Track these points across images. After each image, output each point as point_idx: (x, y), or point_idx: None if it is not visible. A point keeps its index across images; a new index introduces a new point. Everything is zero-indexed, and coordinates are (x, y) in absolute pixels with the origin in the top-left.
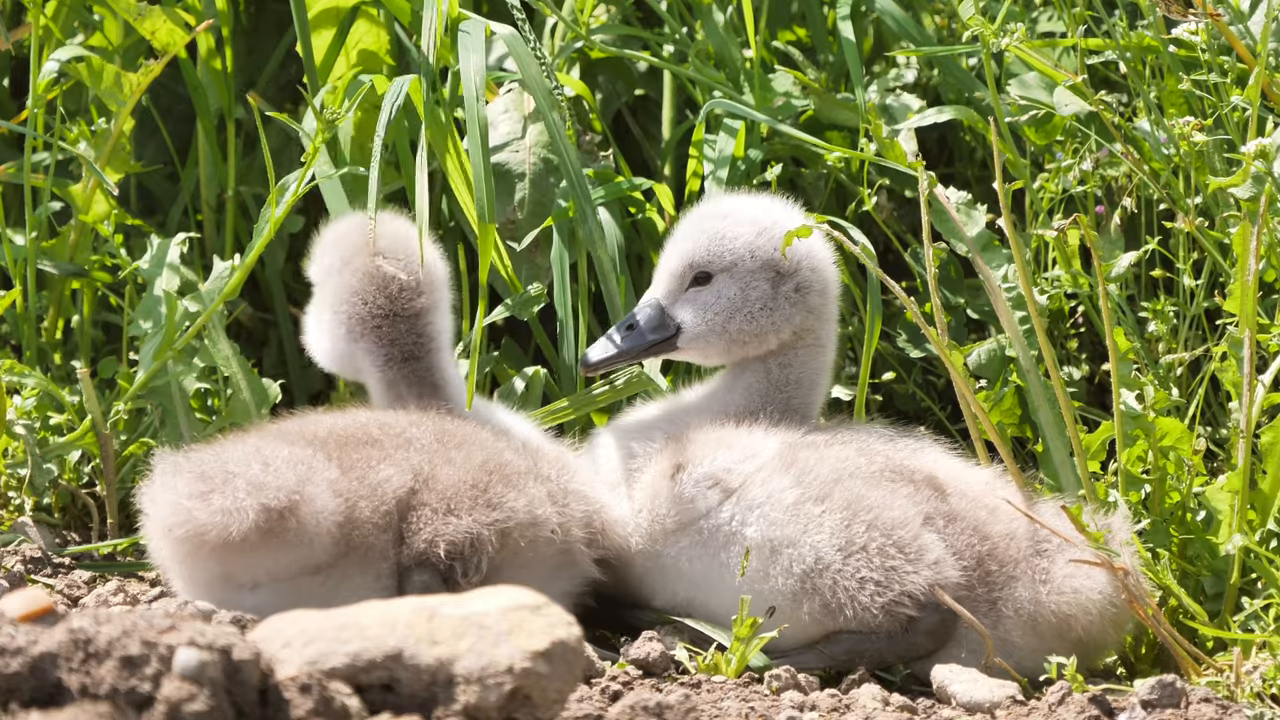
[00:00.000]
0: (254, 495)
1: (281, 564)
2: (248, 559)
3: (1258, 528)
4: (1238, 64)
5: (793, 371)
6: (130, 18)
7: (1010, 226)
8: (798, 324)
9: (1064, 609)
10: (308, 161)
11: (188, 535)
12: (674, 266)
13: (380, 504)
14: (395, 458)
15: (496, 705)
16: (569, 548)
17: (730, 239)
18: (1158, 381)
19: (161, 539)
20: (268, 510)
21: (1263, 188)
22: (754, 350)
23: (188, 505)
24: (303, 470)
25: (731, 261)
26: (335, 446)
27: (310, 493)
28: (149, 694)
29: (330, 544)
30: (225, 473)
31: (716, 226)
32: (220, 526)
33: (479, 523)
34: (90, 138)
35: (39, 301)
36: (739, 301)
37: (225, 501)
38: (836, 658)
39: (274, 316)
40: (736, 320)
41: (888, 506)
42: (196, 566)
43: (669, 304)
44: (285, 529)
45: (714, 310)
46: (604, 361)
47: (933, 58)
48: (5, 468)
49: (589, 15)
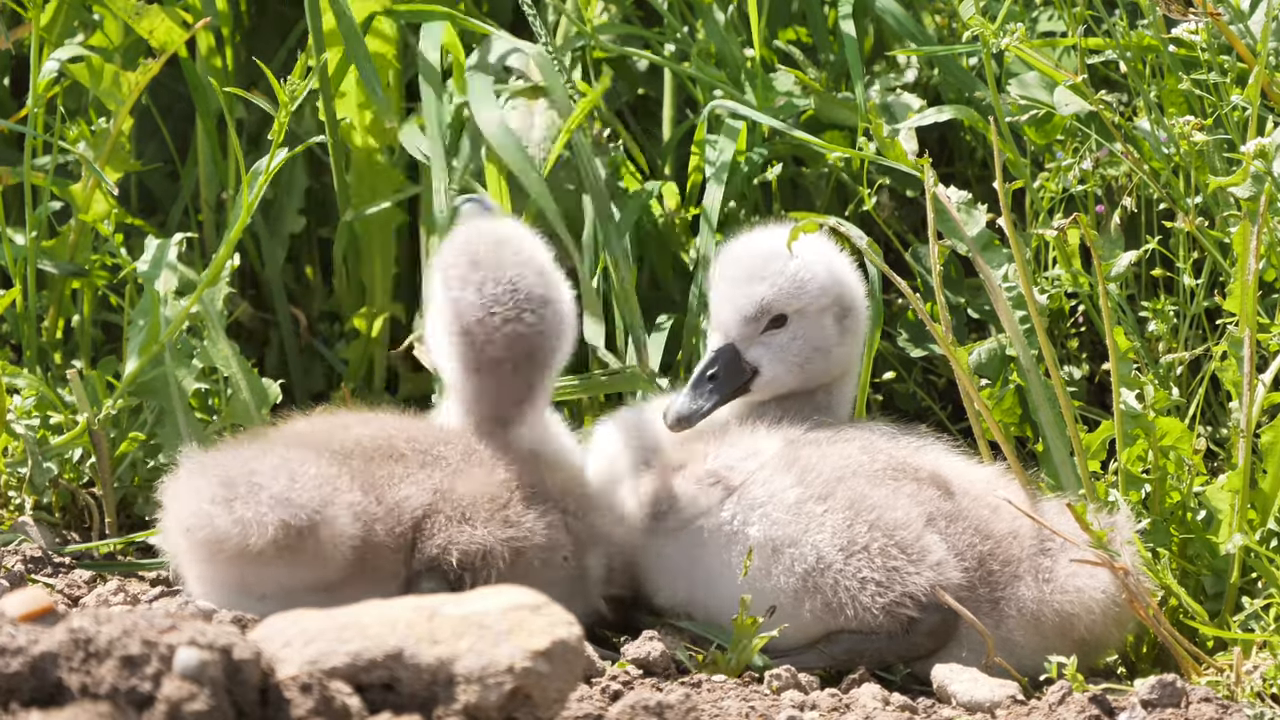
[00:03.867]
0: (276, 510)
1: (294, 579)
2: (261, 570)
3: (1258, 527)
4: (1238, 63)
5: (833, 398)
6: (128, 17)
7: (1010, 226)
8: (857, 355)
9: (1067, 608)
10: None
11: (205, 540)
12: (748, 310)
13: (396, 525)
14: (418, 477)
15: (497, 705)
16: (583, 576)
17: (806, 281)
18: (1158, 381)
19: (179, 536)
20: (288, 527)
21: (1263, 187)
22: (821, 383)
23: (210, 510)
24: (328, 491)
25: (807, 303)
26: (361, 461)
27: (331, 514)
28: (149, 693)
29: (344, 564)
30: (251, 483)
31: (791, 269)
32: (239, 536)
33: (493, 536)
34: (90, 137)
35: (39, 301)
36: (816, 341)
37: (247, 512)
38: (837, 657)
39: (274, 316)
40: (814, 361)
41: (890, 506)
42: (210, 569)
43: (744, 349)
44: (303, 547)
45: (791, 352)
46: (691, 416)
47: (933, 57)
48: (5, 467)
49: (592, 13)
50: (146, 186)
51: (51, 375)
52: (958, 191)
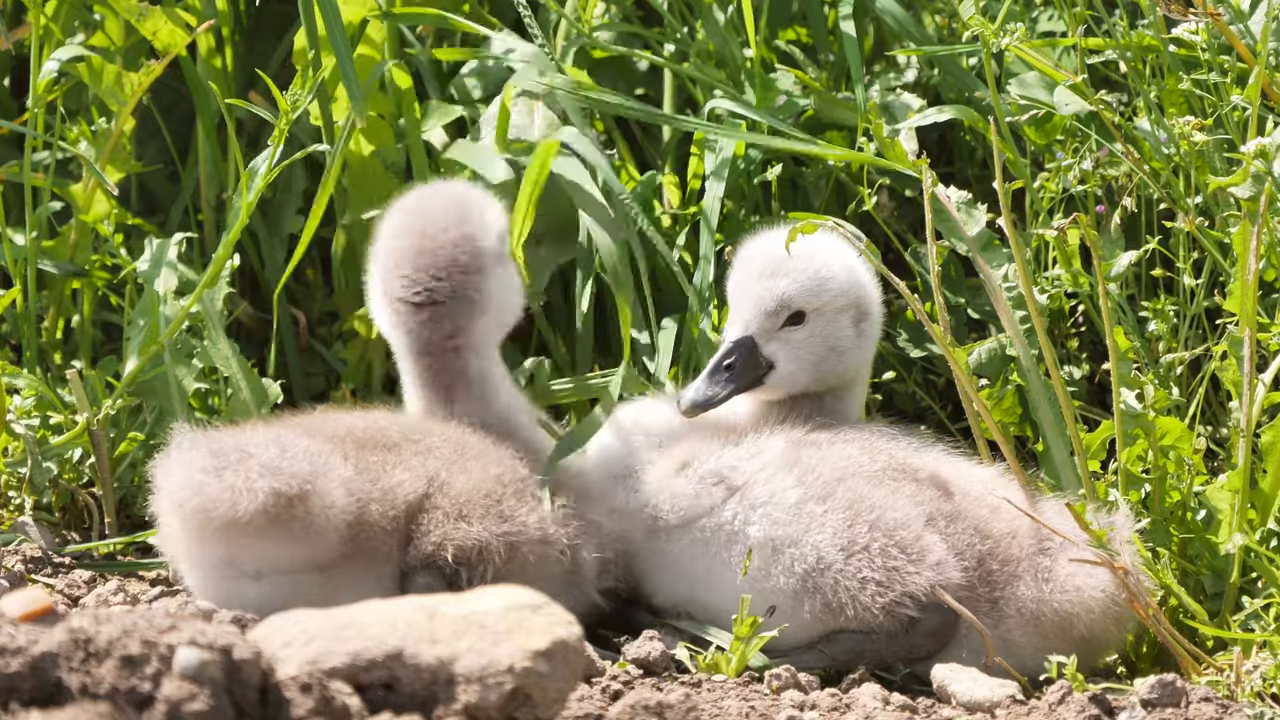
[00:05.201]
0: (266, 478)
1: (286, 555)
2: (253, 544)
3: (1258, 527)
4: (1238, 63)
5: (842, 402)
6: (131, 18)
7: (1010, 226)
8: (868, 360)
9: (1066, 608)
10: (274, 144)
11: (196, 509)
12: (769, 304)
13: (390, 508)
14: (411, 464)
15: (497, 704)
16: (577, 570)
17: (827, 280)
18: (1158, 381)
19: (171, 514)
20: (278, 495)
21: (1263, 187)
22: (831, 385)
23: (199, 479)
24: (319, 462)
25: (826, 302)
26: (353, 446)
27: (322, 486)
28: (149, 693)
29: (337, 541)
30: (241, 452)
31: (814, 267)
32: (229, 504)
33: (489, 531)
34: (91, 137)
35: (39, 301)
36: (832, 341)
37: (237, 479)
38: (837, 657)
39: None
40: (829, 361)
41: (890, 507)
42: (202, 547)
43: (762, 343)
44: (293, 517)
45: (807, 349)
46: (705, 403)
47: (933, 57)
48: (5, 467)
49: (590, 14)
50: (147, 187)
51: (51, 375)
52: (957, 191)
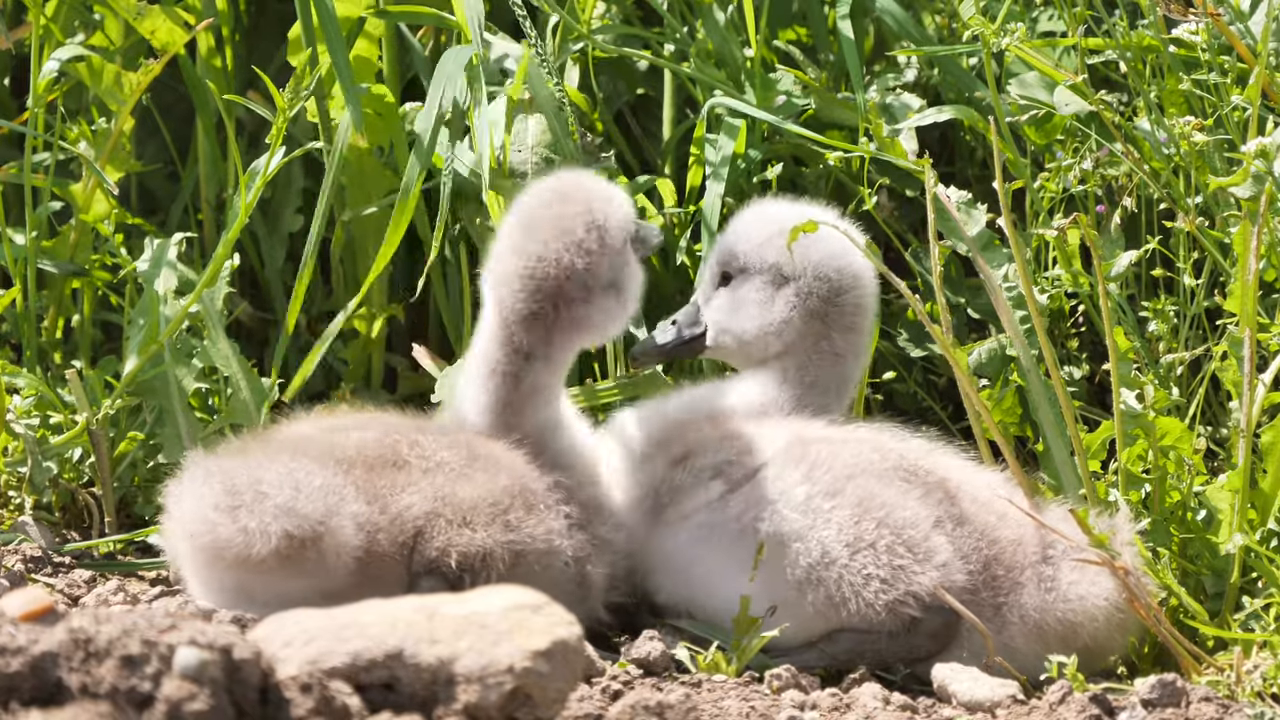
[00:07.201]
0: (280, 520)
1: (296, 588)
2: (263, 579)
3: (1258, 527)
4: (1238, 64)
5: (808, 375)
6: (130, 17)
7: (1010, 226)
8: (800, 330)
9: (1070, 616)
10: (273, 143)
11: (208, 546)
12: (710, 266)
13: (399, 534)
14: (420, 485)
15: (497, 704)
16: (585, 583)
17: (743, 239)
18: (1158, 381)
19: (181, 541)
20: (290, 538)
21: (1263, 187)
22: (758, 353)
23: (213, 517)
24: (333, 502)
25: (744, 264)
26: (363, 470)
27: (335, 525)
28: (149, 693)
29: (346, 574)
30: (256, 492)
31: (735, 227)
32: (242, 545)
33: (494, 539)
34: (90, 137)
35: (39, 301)
36: (745, 303)
37: (251, 521)
38: (837, 657)
39: (274, 316)
40: (739, 321)
41: (899, 505)
42: (212, 574)
43: (704, 303)
44: (305, 558)
45: (727, 311)
46: (644, 354)
47: (933, 57)
48: (5, 467)
49: (590, 14)
50: (146, 186)
51: (51, 375)
52: (958, 191)
